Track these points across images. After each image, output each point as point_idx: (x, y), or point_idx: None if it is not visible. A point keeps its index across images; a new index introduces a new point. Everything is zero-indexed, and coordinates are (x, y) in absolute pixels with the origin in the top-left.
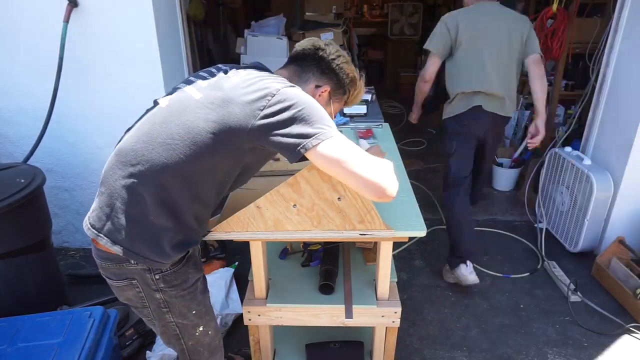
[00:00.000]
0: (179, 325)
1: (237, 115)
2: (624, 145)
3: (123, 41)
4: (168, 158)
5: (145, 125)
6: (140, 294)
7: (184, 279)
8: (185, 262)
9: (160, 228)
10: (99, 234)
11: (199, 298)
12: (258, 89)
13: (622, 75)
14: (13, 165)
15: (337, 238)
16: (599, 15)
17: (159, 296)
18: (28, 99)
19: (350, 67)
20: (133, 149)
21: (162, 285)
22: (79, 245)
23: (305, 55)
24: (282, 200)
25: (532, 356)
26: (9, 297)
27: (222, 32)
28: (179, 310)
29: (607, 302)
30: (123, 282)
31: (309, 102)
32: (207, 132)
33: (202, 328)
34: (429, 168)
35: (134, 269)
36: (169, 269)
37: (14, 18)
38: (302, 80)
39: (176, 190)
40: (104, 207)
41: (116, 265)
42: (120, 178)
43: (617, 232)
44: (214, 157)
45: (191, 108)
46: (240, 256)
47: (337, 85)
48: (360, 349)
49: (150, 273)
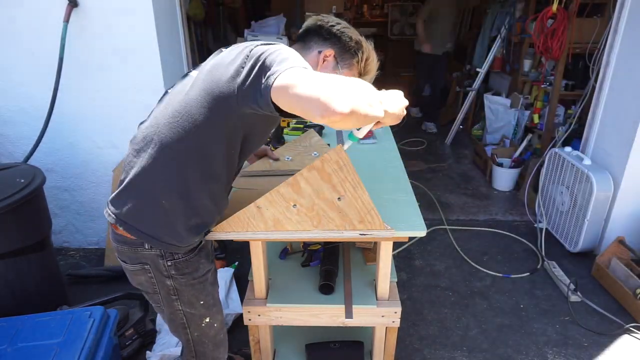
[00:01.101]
0: (187, 315)
1: (223, 80)
2: (624, 145)
3: (123, 41)
4: (172, 136)
5: (154, 111)
6: (152, 279)
7: (195, 268)
8: (198, 252)
9: (174, 211)
10: (117, 218)
11: (208, 289)
12: (240, 51)
13: (622, 75)
14: (13, 165)
15: (337, 238)
16: (599, 15)
17: (170, 283)
18: (28, 99)
19: (353, 31)
20: (143, 135)
21: (174, 272)
22: (79, 245)
23: (308, 31)
24: (282, 200)
25: (532, 356)
26: (9, 297)
27: (222, 32)
28: (187, 299)
29: (607, 302)
30: (137, 267)
31: (284, 48)
32: (201, 102)
33: (209, 320)
34: (429, 168)
35: (147, 254)
36: (181, 257)
37: (14, 18)
38: (306, 50)
39: (186, 170)
40: (121, 192)
41: (131, 249)
42: (134, 164)
43: (617, 232)
44: (214, 126)
45: (189, 86)
46: (240, 256)
47: (341, 49)
48: (360, 349)
49: (162, 259)
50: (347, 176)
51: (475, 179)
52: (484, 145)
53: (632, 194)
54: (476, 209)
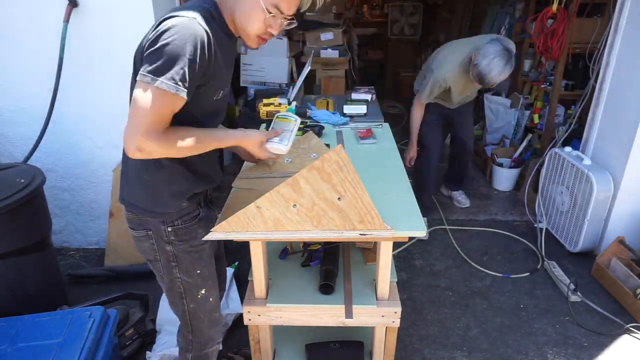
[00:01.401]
0: (184, 283)
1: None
2: (624, 145)
3: (123, 41)
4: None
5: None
6: (153, 245)
7: (193, 236)
8: (198, 222)
9: (155, 182)
10: (122, 198)
11: (205, 259)
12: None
13: (622, 75)
14: (13, 165)
15: (337, 238)
16: (599, 15)
17: (169, 248)
18: (28, 99)
19: None
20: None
21: (173, 237)
22: (79, 245)
23: None
24: (282, 200)
25: (532, 356)
26: (9, 297)
27: None
28: (185, 267)
29: (607, 302)
30: (141, 232)
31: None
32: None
33: (204, 291)
34: None
35: (150, 220)
36: (180, 223)
37: (14, 18)
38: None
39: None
40: (121, 178)
41: (137, 216)
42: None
43: (617, 232)
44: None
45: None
46: (240, 256)
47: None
48: (360, 349)
49: (164, 225)
50: (347, 176)
51: (475, 179)
52: (484, 145)
53: (632, 194)
54: (476, 209)
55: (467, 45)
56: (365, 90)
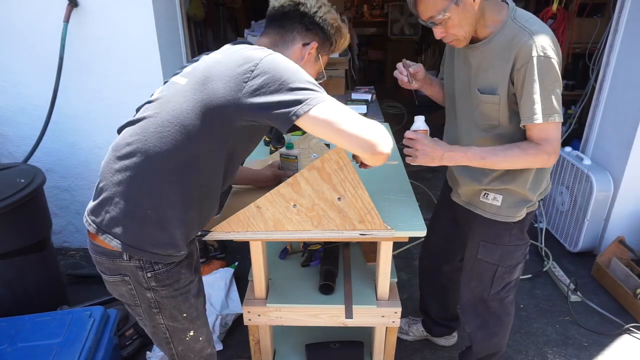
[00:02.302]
0: (169, 328)
1: (221, 91)
2: (624, 145)
3: (123, 41)
4: (162, 147)
5: (139, 119)
6: (132, 291)
7: (176, 279)
8: (179, 262)
9: (160, 221)
10: (99, 228)
11: (191, 301)
12: (240, 61)
13: (622, 75)
14: (13, 165)
15: (337, 238)
16: (599, 15)
17: (150, 295)
18: (28, 99)
19: (333, 15)
20: (128, 143)
21: (154, 284)
22: (79, 245)
23: (286, 14)
24: (282, 200)
25: (532, 356)
26: (9, 297)
27: (222, 32)
28: (169, 312)
29: (607, 302)
30: (116, 278)
31: (294, 69)
32: (195, 113)
33: (193, 333)
34: (429, 168)
35: (127, 266)
36: (161, 267)
37: (14, 18)
38: (287, 42)
39: (175, 181)
40: (102, 202)
41: (110, 260)
42: (117, 172)
43: (617, 232)
44: (207, 139)
45: (178, 94)
46: (240, 256)
47: (323, 39)
48: (360, 349)
49: (142, 271)
50: (347, 176)
51: None
52: None
53: (632, 194)
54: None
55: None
56: (365, 90)
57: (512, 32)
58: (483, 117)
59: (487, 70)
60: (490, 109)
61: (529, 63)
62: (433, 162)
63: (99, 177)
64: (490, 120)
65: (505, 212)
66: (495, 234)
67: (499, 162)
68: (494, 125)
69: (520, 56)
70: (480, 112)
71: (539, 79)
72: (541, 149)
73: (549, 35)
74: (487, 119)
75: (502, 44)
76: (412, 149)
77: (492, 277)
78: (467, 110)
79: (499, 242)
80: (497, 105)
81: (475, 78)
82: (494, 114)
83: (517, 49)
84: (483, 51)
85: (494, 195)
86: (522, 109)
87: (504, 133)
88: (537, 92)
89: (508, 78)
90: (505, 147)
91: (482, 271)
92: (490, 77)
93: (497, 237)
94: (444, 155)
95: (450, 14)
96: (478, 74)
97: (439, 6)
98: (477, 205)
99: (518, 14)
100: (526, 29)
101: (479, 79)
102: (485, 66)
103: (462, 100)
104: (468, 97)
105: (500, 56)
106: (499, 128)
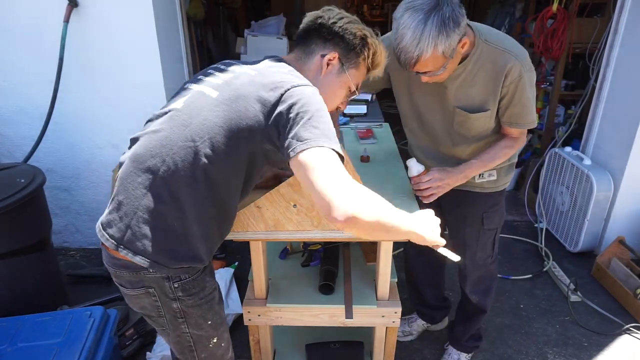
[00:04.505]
0: (194, 337)
1: (252, 111)
2: (624, 145)
3: (123, 41)
4: (189, 161)
5: (164, 129)
6: (156, 302)
7: (202, 287)
8: (203, 270)
9: (184, 235)
10: (119, 244)
11: (215, 308)
12: (273, 85)
13: (622, 75)
14: (13, 165)
15: (337, 238)
16: (599, 15)
17: (176, 305)
18: (28, 99)
19: (356, 25)
20: (152, 155)
21: (181, 294)
22: (79, 245)
23: (308, 31)
24: (282, 200)
25: (532, 356)
26: (9, 297)
27: (222, 32)
28: (195, 321)
29: (607, 302)
30: (139, 291)
31: (320, 108)
32: (225, 130)
33: (216, 340)
34: None
35: (152, 277)
36: (188, 277)
37: (14, 18)
38: (308, 55)
39: (201, 195)
40: (123, 216)
41: (132, 273)
42: (141, 186)
43: (617, 232)
44: (234, 156)
45: (208, 107)
46: (240, 256)
47: (345, 49)
48: (360, 349)
49: (169, 281)
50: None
51: None
52: None
53: (632, 194)
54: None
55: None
56: (365, 90)
57: (490, 53)
58: (470, 130)
59: (469, 91)
60: (481, 122)
61: (521, 80)
62: (451, 187)
63: (115, 188)
64: (480, 130)
65: (502, 182)
66: (494, 202)
67: (497, 162)
68: (483, 133)
69: (510, 76)
70: (468, 127)
71: (529, 92)
72: (521, 140)
73: (523, 49)
74: (475, 129)
75: (482, 66)
76: (430, 188)
77: (493, 241)
78: (443, 124)
79: (496, 207)
80: (488, 118)
81: (454, 98)
82: (485, 125)
83: (506, 70)
84: (461, 74)
85: (489, 173)
86: (514, 115)
87: (488, 135)
88: (530, 103)
89: (498, 94)
90: (497, 150)
91: (486, 239)
92: (476, 97)
93: (495, 205)
94: (459, 177)
95: (446, 66)
96: (458, 95)
97: (438, 65)
98: (475, 186)
99: (484, 34)
100: (507, 51)
101: (460, 99)
102: (466, 87)
103: (435, 117)
104: (442, 114)
105: (484, 77)
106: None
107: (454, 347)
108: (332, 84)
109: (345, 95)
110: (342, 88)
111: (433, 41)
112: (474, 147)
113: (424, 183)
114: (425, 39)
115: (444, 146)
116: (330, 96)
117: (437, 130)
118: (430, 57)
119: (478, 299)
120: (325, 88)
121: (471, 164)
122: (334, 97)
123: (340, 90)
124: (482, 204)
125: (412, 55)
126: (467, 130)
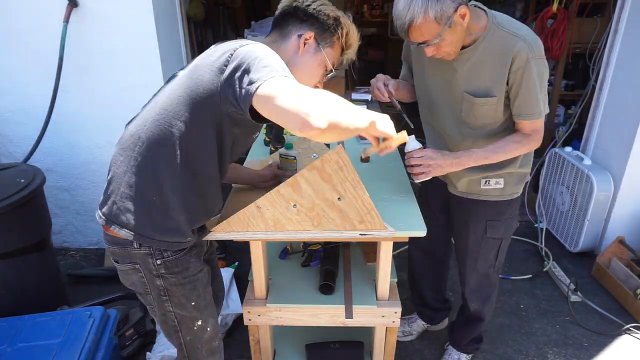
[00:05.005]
0: (178, 316)
1: (206, 78)
2: (624, 145)
3: (123, 41)
4: (159, 134)
5: (142, 112)
6: (142, 279)
7: (185, 267)
8: (189, 251)
9: (164, 207)
10: (107, 219)
11: (200, 290)
12: (223, 50)
13: (622, 75)
14: (13, 165)
15: (337, 238)
16: (599, 15)
17: (160, 282)
18: (28, 99)
19: (329, 7)
20: (131, 134)
21: (163, 271)
22: (79, 245)
23: (283, 14)
24: (282, 200)
25: (532, 356)
26: (9, 297)
27: (222, 32)
28: (178, 300)
29: (607, 302)
30: (128, 266)
31: (265, 54)
32: (186, 99)
33: (201, 322)
34: None
35: (137, 253)
36: (171, 255)
37: (14, 18)
38: (284, 37)
39: (174, 167)
40: (110, 194)
41: (122, 249)
42: (122, 164)
43: (617, 232)
44: (200, 124)
45: (174, 83)
46: (240, 256)
47: (320, 29)
48: (360, 349)
49: (152, 258)
50: (347, 176)
51: None
52: None
53: (632, 194)
54: None
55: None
56: (365, 90)
57: (500, 37)
58: (477, 118)
59: (478, 75)
60: (487, 110)
61: (527, 66)
62: (444, 171)
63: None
64: (485, 120)
65: (510, 191)
66: (500, 211)
67: (500, 157)
68: (489, 124)
69: (517, 60)
70: (474, 114)
71: (538, 80)
72: (532, 139)
73: (537, 37)
74: (482, 119)
75: (492, 49)
76: (420, 166)
77: (497, 251)
78: (452, 112)
79: (502, 217)
80: (495, 105)
81: (463, 82)
82: (490, 113)
83: (513, 53)
84: (470, 57)
85: (496, 180)
86: (520, 106)
87: (496, 128)
88: (537, 92)
89: (505, 80)
90: (503, 144)
91: (489, 248)
92: (484, 81)
93: (501, 214)
94: (453, 162)
95: (444, 37)
96: (467, 79)
97: (433, 32)
98: (480, 193)
99: (498, 19)
100: (517, 35)
101: (469, 83)
102: (476, 71)
103: (444, 104)
104: (451, 100)
105: (492, 61)
106: (493, 125)
107: (454, 348)
108: (310, 62)
109: (322, 74)
110: (319, 66)
111: (423, 5)
112: (482, 142)
113: (415, 159)
114: (415, 2)
115: (451, 139)
116: (307, 74)
117: (446, 120)
118: (423, 23)
119: (476, 307)
120: (303, 66)
121: (471, 152)
122: (311, 76)
123: (318, 68)
124: (486, 211)
125: (405, 21)
126: (473, 118)
